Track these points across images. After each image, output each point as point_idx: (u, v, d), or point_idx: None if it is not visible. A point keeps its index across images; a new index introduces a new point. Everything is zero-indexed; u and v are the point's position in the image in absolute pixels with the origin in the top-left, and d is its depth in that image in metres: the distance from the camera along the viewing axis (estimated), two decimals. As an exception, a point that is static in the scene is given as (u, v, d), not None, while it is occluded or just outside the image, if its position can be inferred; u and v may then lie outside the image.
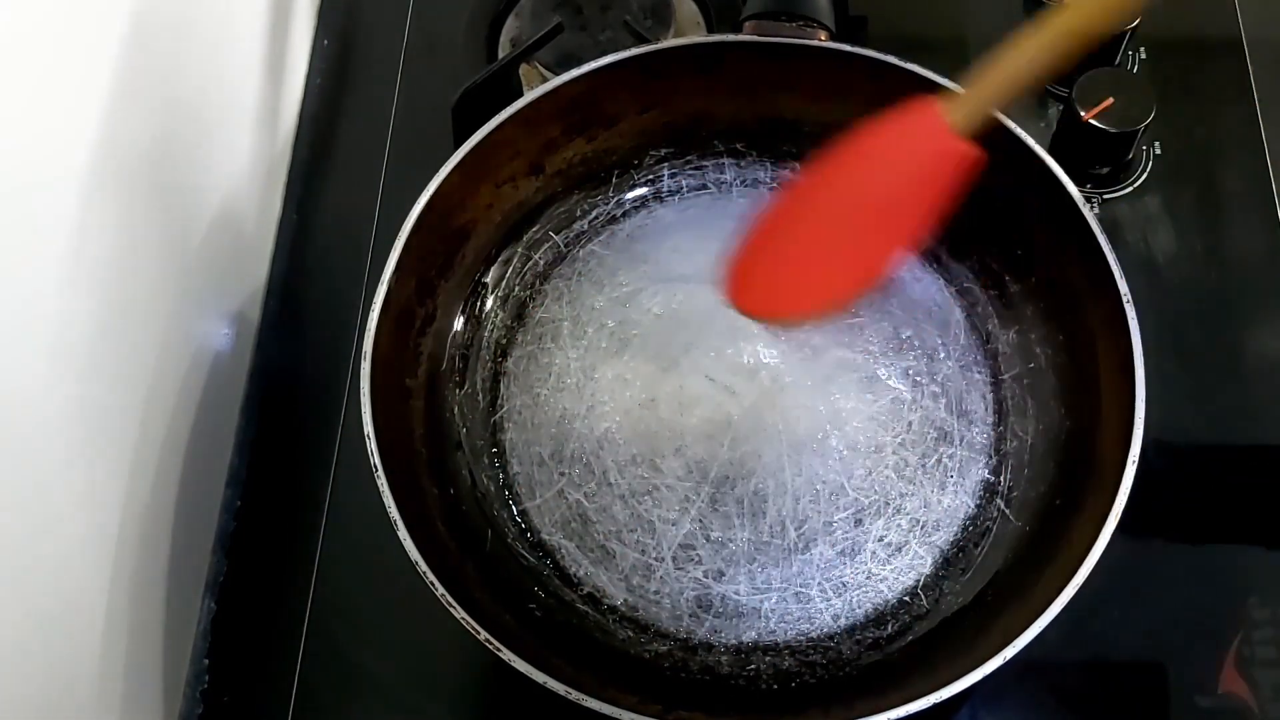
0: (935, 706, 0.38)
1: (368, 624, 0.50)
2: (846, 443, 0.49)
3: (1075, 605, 0.39)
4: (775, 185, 0.55)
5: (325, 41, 0.65)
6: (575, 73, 0.49)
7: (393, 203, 0.58)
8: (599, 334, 0.52)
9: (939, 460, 0.49)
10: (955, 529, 0.48)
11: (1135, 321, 0.44)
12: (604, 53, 0.49)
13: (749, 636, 0.46)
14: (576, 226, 0.54)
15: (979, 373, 0.51)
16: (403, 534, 0.40)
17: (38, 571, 0.40)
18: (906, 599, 0.47)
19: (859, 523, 0.48)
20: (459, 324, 0.52)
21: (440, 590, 0.39)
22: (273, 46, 0.60)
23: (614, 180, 0.55)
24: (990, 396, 0.50)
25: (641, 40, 0.57)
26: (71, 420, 0.41)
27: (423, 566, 0.40)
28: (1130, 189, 0.58)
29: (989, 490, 0.49)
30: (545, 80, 0.50)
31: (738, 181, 0.55)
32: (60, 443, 0.41)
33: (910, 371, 0.51)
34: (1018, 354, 0.51)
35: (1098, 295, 0.46)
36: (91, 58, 0.42)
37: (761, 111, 0.53)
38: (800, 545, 0.47)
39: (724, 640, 0.46)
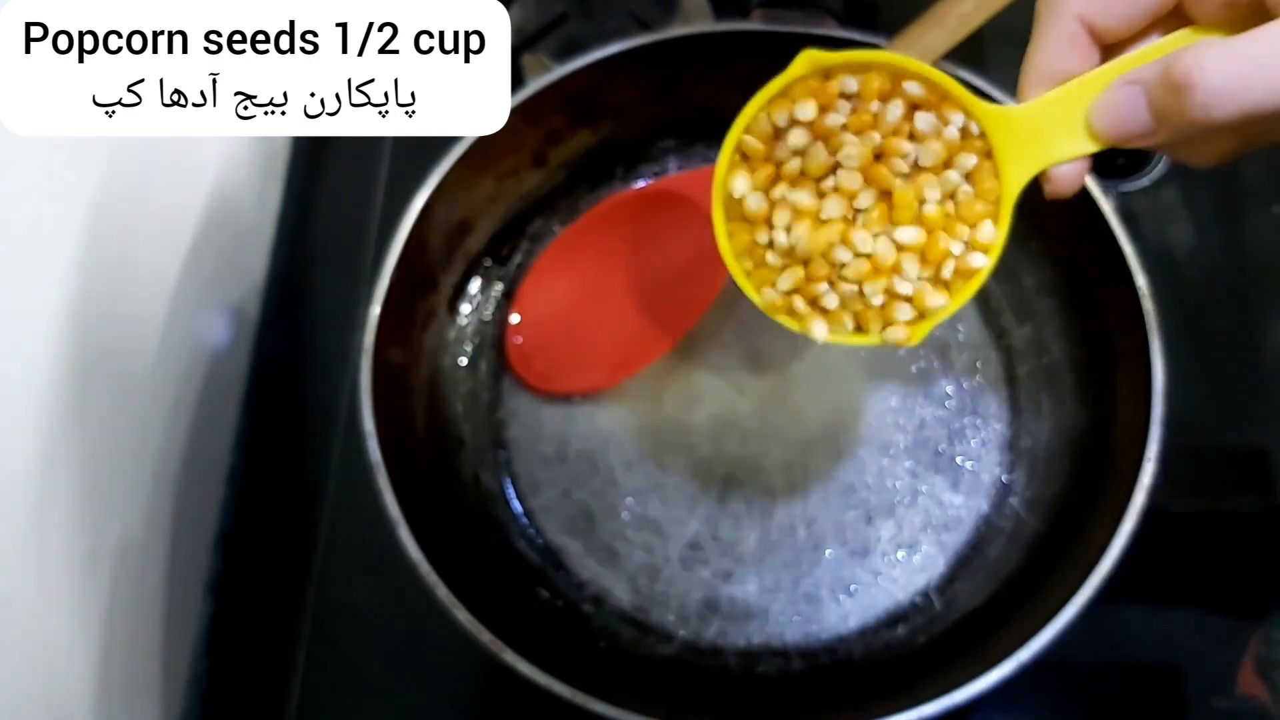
0: (947, 710, 0.37)
1: (369, 624, 0.49)
2: (857, 440, 0.48)
3: (1091, 607, 0.38)
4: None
5: (326, 31, 0.64)
6: (579, 62, 0.48)
7: (394, 195, 0.57)
8: (604, 329, 0.51)
9: (951, 458, 0.48)
10: (968, 529, 0.47)
11: (1153, 316, 0.43)
12: (609, 42, 0.48)
13: (757, 638, 0.46)
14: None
15: (992, 369, 0.50)
16: (404, 533, 0.40)
17: (33, 572, 0.39)
18: (918, 600, 0.46)
19: (870, 522, 0.47)
20: (461, 319, 0.51)
21: (442, 591, 0.39)
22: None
23: (619, 172, 0.54)
24: (1004, 393, 0.50)
25: (647, 29, 0.56)
26: (67, 418, 0.41)
27: (425, 567, 0.39)
28: (1148, 181, 0.57)
29: (1003, 489, 0.48)
30: (548, 70, 0.49)
31: (746, 172, 0.54)
32: (55, 441, 0.40)
33: (922, 368, 0.50)
34: (1032, 349, 0.50)
35: (1114, 289, 0.45)
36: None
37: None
38: (810, 545, 0.47)
39: (731, 642, 0.45)
